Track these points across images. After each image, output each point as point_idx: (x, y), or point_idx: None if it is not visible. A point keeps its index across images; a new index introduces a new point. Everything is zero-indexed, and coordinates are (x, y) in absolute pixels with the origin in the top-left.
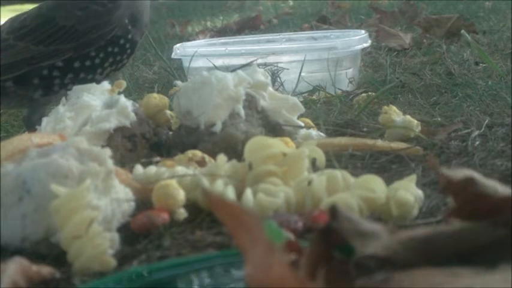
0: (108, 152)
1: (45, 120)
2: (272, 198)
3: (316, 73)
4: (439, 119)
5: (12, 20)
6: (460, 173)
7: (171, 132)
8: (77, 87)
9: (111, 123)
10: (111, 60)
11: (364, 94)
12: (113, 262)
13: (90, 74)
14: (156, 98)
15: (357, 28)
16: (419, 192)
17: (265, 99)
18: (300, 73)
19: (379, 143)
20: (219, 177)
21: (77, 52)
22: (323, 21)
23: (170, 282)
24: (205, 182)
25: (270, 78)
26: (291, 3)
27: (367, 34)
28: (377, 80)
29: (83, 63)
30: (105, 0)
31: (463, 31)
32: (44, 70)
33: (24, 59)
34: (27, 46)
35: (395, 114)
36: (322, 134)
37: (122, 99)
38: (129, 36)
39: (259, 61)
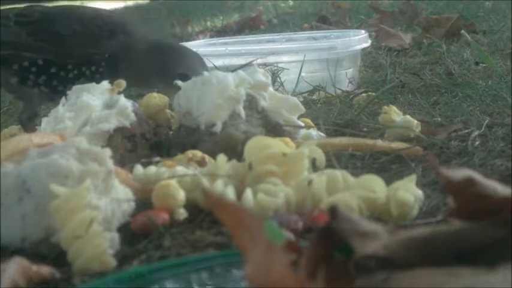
0: (108, 152)
1: (44, 120)
2: (272, 198)
3: (316, 73)
4: (439, 119)
5: (29, 7)
6: (460, 173)
7: (171, 132)
8: (76, 87)
9: (111, 124)
10: (81, 80)
11: (364, 94)
12: (113, 262)
13: (61, 85)
14: (156, 98)
15: (357, 28)
16: (419, 192)
17: (265, 99)
18: (300, 73)
19: (379, 143)
20: (219, 177)
21: (57, 58)
22: (323, 21)
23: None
24: (205, 182)
25: (270, 78)
26: (291, 3)
27: (367, 34)
28: (377, 80)
29: (58, 72)
30: (105, 27)
31: (463, 31)
32: (25, 61)
33: (12, 42)
34: (21, 33)
35: (395, 114)
36: (322, 134)
37: (122, 99)
38: (100, 70)
39: (259, 61)
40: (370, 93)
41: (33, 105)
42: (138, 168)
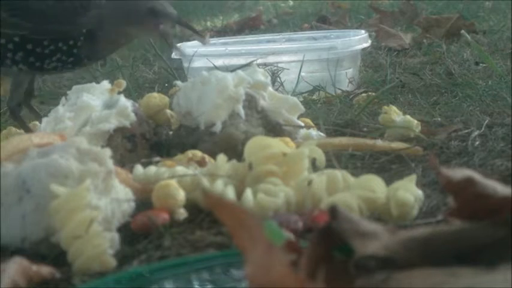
0: (108, 152)
1: (44, 120)
2: (272, 198)
3: (316, 73)
4: (439, 119)
5: None
6: (460, 173)
7: (171, 132)
8: (76, 87)
9: (111, 124)
10: (58, 56)
11: (364, 94)
12: (113, 262)
13: (38, 61)
14: (156, 98)
15: (357, 28)
16: (419, 192)
17: (265, 99)
18: (300, 73)
19: (379, 143)
20: (219, 177)
21: (33, 34)
22: (323, 21)
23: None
24: (205, 182)
25: (270, 78)
26: (291, 3)
27: (367, 34)
28: (377, 80)
29: (34, 48)
30: (79, 1)
31: (463, 31)
32: (2, 39)
33: None
34: None
35: (395, 114)
36: (322, 134)
37: (122, 99)
38: (78, 44)
39: (259, 61)
40: (370, 93)
41: (18, 88)
42: (138, 168)
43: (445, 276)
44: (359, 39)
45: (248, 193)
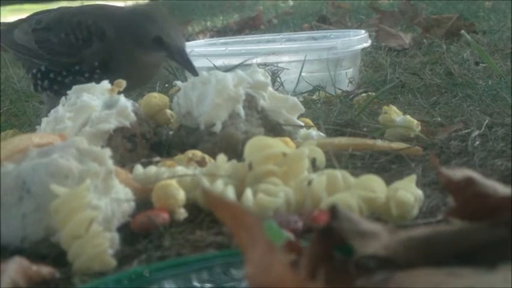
0: (108, 152)
1: (44, 120)
2: (272, 198)
3: (316, 73)
4: (439, 119)
5: (48, 11)
6: (460, 172)
7: (171, 132)
8: (76, 87)
9: (111, 124)
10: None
11: (364, 94)
12: (113, 262)
13: (63, 89)
14: (156, 98)
15: (357, 28)
16: (419, 192)
17: (265, 99)
18: (300, 73)
19: (379, 143)
20: (219, 177)
21: (50, 65)
22: (323, 21)
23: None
24: (205, 182)
25: (270, 78)
26: (291, 3)
27: (367, 34)
28: (377, 80)
29: (56, 77)
30: (80, 35)
31: (463, 31)
32: (34, 68)
33: (26, 48)
34: (31, 40)
35: (395, 114)
36: (322, 134)
37: (122, 99)
38: (95, 76)
39: (259, 61)
40: (370, 93)
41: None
42: (138, 168)
43: (445, 276)
44: (359, 39)
45: (248, 193)
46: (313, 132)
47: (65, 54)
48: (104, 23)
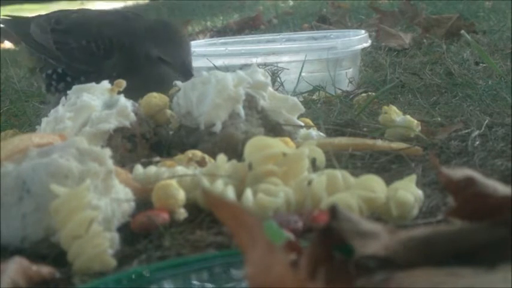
0: (108, 152)
1: (44, 120)
2: (272, 198)
3: (316, 73)
4: (439, 119)
5: (69, 11)
6: (460, 172)
7: (171, 132)
8: (76, 87)
9: (111, 124)
10: None
11: (364, 94)
12: (113, 262)
13: None
14: (156, 97)
15: (357, 28)
16: (419, 192)
17: (265, 99)
18: (300, 73)
19: (379, 143)
20: (219, 177)
21: (68, 69)
22: (323, 21)
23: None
24: (205, 182)
25: (270, 78)
26: (291, 3)
27: (367, 34)
28: (377, 80)
29: (73, 81)
30: (102, 45)
31: (463, 31)
32: (50, 69)
33: (43, 47)
34: (49, 40)
35: (395, 114)
36: (322, 134)
37: (122, 99)
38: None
39: (259, 61)
40: (370, 93)
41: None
42: (138, 168)
43: (445, 276)
44: (359, 39)
45: (248, 193)
46: (313, 132)
47: (84, 62)
48: (124, 36)
